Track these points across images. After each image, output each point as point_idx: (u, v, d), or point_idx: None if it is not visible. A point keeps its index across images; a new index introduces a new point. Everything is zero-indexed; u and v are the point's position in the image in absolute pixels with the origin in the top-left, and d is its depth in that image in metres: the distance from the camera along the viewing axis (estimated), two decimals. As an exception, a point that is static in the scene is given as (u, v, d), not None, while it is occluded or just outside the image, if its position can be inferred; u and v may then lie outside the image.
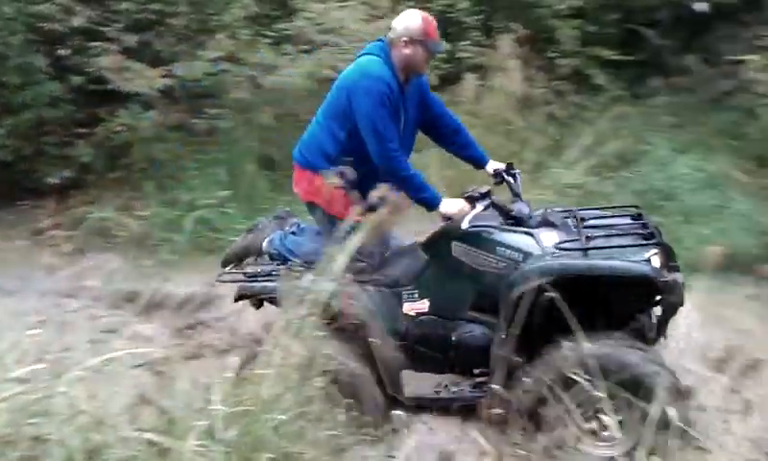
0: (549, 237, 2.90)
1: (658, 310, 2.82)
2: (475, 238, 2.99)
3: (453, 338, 2.99)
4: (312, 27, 6.22)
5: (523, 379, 2.64)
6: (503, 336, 2.72)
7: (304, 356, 2.28)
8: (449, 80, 6.46)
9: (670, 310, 2.76)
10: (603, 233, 2.90)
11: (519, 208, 3.06)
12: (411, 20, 3.07)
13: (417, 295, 3.08)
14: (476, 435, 2.22)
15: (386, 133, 2.97)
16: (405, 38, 3.05)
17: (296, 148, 3.28)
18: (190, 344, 3.81)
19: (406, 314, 3.08)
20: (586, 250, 2.76)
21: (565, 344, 2.52)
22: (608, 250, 2.77)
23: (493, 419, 2.40)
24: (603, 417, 2.28)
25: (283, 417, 2.01)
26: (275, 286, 3.01)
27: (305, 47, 6.24)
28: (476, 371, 3.01)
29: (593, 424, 2.54)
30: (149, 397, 1.92)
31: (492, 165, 3.36)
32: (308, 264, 2.89)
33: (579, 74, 6.93)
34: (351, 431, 2.53)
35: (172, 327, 4.08)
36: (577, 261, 2.71)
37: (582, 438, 2.58)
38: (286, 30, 6.33)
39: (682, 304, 2.68)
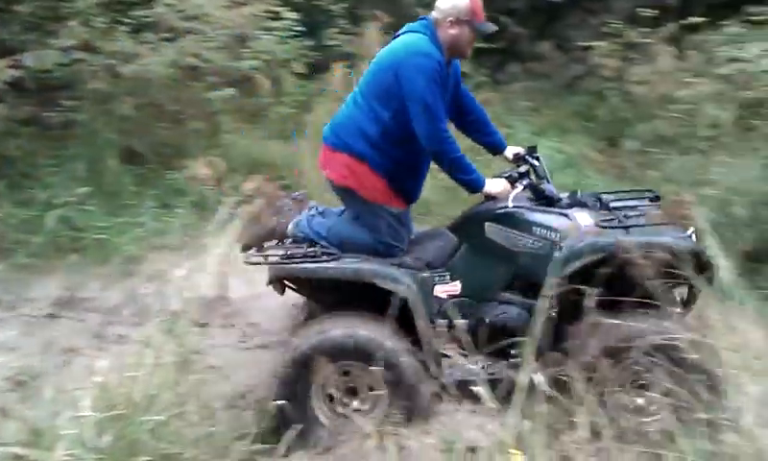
0: (583, 217, 2.90)
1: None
2: (510, 219, 2.95)
3: (487, 320, 2.94)
4: (173, 13, 5.97)
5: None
6: (552, 313, 2.60)
7: (179, 354, 2.22)
8: (318, 68, 6.46)
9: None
10: (635, 213, 2.94)
11: (549, 189, 3.06)
12: (459, 0, 2.96)
13: (448, 277, 3.02)
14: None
15: (437, 112, 2.85)
16: (452, 18, 2.94)
17: (327, 129, 3.11)
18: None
19: (437, 297, 3.02)
20: (627, 227, 2.80)
21: (611, 319, 2.49)
22: (650, 227, 2.83)
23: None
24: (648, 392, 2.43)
25: (160, 418, 1.94)
26: (316, 268, 2.92)
27: (167, 35, 6.00)
28: (512, 352, 2.83)
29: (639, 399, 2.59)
30: (9, 409, 1.79)
31: (511, 150, 3.33)
32: (338, 247, 2.96)
33: (444, 61, 7.13)
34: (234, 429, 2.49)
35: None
36: (631, 238, 2.69)
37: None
38: (146, 17, 6.04)
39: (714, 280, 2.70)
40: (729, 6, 5.89)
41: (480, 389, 2.15)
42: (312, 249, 3.01)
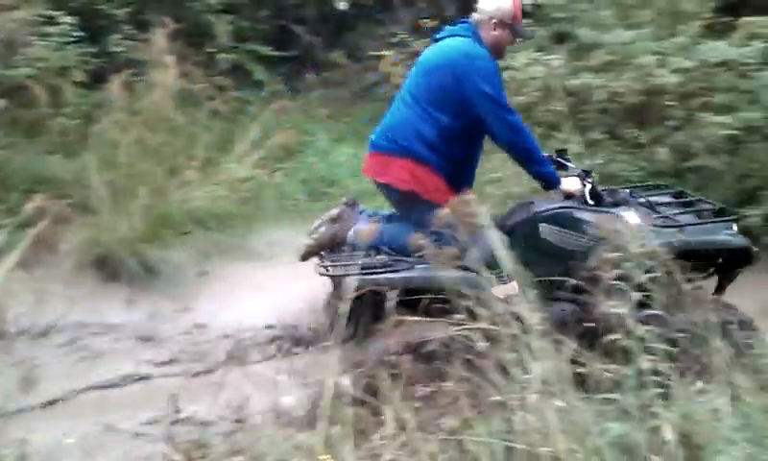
0: (631, 216, 2.98)
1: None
2: (564, 219, 3.04)
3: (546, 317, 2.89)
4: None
5: None
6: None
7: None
8: (102, 77, 6.04)
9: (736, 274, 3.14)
10: (678, 211, 3.13)
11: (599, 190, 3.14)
12: (503, 2, 3.04)
13: (506, 278, 2.87)
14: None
15: (507, 106, 2.97)
16: (495, 20, 3.04)
17: (378, 136, 3.10)
18: None
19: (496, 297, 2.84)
20: (681, 226, 2.97)
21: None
22: (702, 226, 3.02)
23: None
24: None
25: None
26: (403, 277, 2.91)
27: None
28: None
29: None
30: None
31: None
32: (397, 252, 2.97)
33: (238, 69, 7.04)
34: None
35: None
36: (696, 237, 2.93)
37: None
38: None
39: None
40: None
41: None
42: (379, 257, 2.99)
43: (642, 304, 2.13)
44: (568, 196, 3.14)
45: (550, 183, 3.14)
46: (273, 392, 2.71)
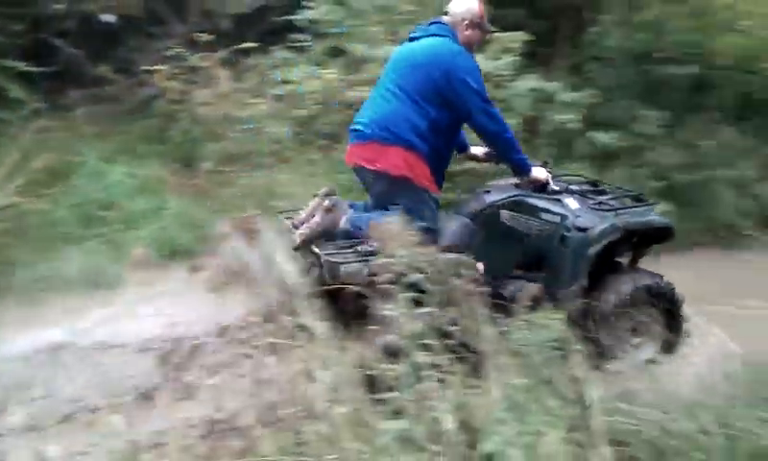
0: (572, 202, 3.47)
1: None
2: (521, 206, 3.47)
3: (505, 294, 3.32)
4: None
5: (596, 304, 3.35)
6: (576, 287, 3.29)
7: None
8: None
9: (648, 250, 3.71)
10: (608, 198, 3.59)
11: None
12: (471, 3, 3.40)
13: (473, 259, 3.14)
14: None
15: (488, 99, 3.30)
16: (467, 21, 3.38)
17: (370, 127, 3.31)
18: None
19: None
20: (616, 210, 3.45)
21: (622, 278, 3.48)
22: (632, 210, 3.52)
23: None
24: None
25: None
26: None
27: None
28: None
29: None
30: None
31: (477, 149, 3.76)
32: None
33: (-7, 88, 6.31)
34: None
35: None
36: (636, 218, 3.46)
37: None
38: None
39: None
40: (275, 33, 6.48)
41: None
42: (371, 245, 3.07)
43: (418, 303, 2.29)
44: (534, 182, 3.54)
45: (524, 171, 3.51)
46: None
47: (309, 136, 5.59)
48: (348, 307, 3.02)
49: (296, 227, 3.30)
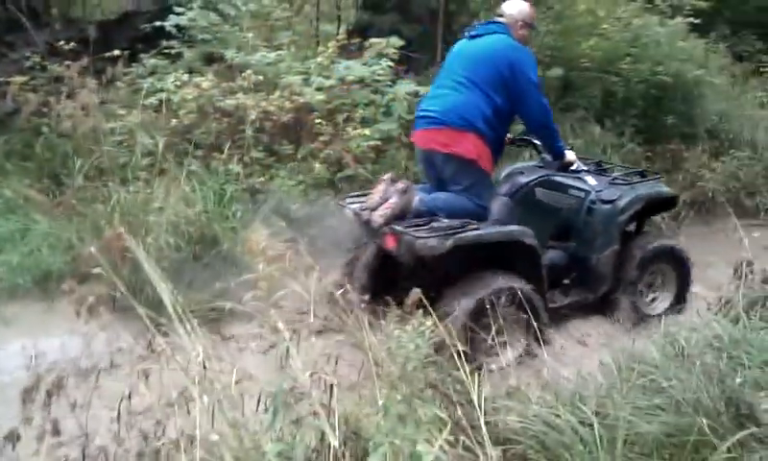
0: (591, 180, 4.02)
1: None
2: (553, 183, 4.00)
3: (545, 262, 3.73)
4: None
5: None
6: (608, 252, 3.92)
7: None
8: None
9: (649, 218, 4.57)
10: (620, 174, 4.21)
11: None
12: (524, 5, 3.85)
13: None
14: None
15: (543, 93, 3.73)
16: (521, 22, 3.81)
17: (445, 114, 3.64)
18: None
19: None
20: (633, 185, 4.05)
21: (646, 237, 4.24)
22: (643, 183, 4.10)
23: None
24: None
25: None
26: (485, 233, 3.49)
27: None
28: (565, 281, 3.89)
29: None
30: None
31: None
32: (449, 217, 3.55)
33: None
34: None
35: None
36: (651, 190, 4.07)
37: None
38: None
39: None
40: (146, 40, 6.21)
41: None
42: (443, 222, 3.50)
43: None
44: (568, 164, 4.00)
45: (560, 155, 3.98)
46: None
47: (186, 147, 5.38)
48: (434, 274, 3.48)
49: (372, 209, 3.56)
